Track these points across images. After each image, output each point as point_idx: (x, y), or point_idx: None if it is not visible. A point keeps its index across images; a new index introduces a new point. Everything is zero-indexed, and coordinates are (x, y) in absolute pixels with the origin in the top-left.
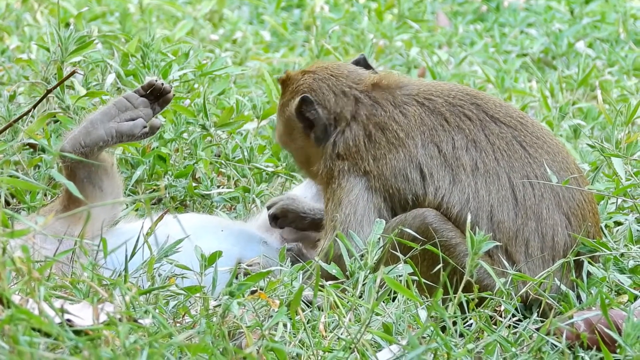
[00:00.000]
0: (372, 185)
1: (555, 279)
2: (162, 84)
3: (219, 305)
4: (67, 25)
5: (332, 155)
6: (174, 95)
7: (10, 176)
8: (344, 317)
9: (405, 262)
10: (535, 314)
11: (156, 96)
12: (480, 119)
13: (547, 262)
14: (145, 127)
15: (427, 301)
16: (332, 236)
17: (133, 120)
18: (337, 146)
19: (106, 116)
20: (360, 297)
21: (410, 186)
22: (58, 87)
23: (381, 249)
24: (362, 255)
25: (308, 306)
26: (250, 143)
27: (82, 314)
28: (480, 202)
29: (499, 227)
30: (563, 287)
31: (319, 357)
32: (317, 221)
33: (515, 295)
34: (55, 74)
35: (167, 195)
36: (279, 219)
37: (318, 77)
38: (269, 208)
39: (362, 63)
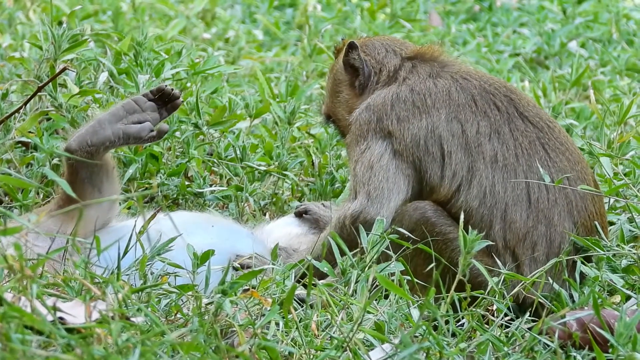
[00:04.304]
0: (397, 149)
1: (549, 277)
2: (172, 89)
3: (212, 303)
4: (60, 23)
5: (363, 107)
6: (182, 101)
7: (3, 174)
8: (337, 315)
9: (398, 259)
10: (528, 313)
11: (164, 101)
12: (509, 112)
13: (549, 268)
14: (152, 130)
15: (419, 300)
16: (365, 198)
17: (140, 123)
18: (371, 98)
19: (114, 117)
20: (352, 295)
21: (429, 160)
22: (51, 85)
23: (381, 246)
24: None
25: (300, 305)
26: (243, 142)
27: (75, 312)
28: (495, 199)
29: (510, 227)
30: (555, 286)
31: (311, 356)
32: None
33: (508, 295)
34: (48, 72)
35: (160, 193)
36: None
37: (371, 38)
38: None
39: None
